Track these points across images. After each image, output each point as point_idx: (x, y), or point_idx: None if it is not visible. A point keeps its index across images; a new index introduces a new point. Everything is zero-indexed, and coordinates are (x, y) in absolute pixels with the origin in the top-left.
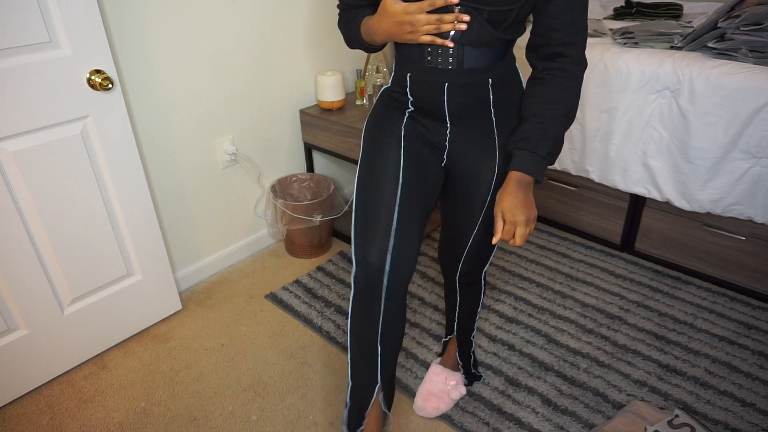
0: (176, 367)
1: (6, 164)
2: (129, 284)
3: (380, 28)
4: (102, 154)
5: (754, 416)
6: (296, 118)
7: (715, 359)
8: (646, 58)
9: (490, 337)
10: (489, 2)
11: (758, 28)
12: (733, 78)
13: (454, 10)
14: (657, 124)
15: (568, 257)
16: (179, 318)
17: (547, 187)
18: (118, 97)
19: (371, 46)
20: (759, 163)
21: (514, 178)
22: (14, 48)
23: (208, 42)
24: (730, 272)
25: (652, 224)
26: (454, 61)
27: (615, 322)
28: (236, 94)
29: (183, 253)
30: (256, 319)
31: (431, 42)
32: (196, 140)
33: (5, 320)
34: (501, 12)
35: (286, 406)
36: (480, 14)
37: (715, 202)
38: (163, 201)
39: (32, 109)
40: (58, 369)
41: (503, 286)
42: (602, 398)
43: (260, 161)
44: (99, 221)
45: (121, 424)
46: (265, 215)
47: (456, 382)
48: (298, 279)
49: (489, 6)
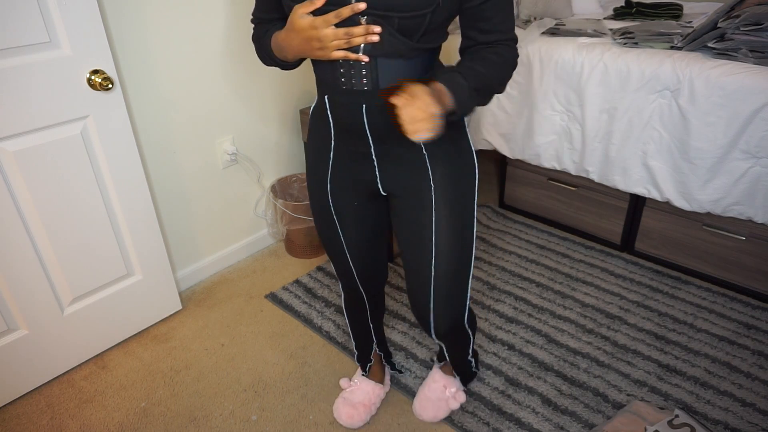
0: (176, 367)
1: (6, 164)
2: (129, 284)
3: (290, 44)
4: (102, 154)
5: (754, 416)
6: (296, 118)
7: (715, 359)
8: (646, 58)
9: (490, 337)
10: (396, 8)
11: (758, 28)
12: (733, 78)
13: (360, 21)
14: (657, 124)
15: (568, 257)
16: (179, 318)
17: (547, 187)
18: (118, 97)
19: (285, 64)
20: (759, 163)
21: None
22: (14, 48)
23: (208, 42)
24: (730, 272)
25: (652, 224)
26: (368, 81)
27: (615, 322)
28: (236, 94)
29: (183, 253)
30: (256, 319)
31: (344, 58)
32: (196, 140)
33: (5, 320)
34: (412, 19)
35: (286, 406)
36: (389, 23)
37: (715, 202)
38: (163, 201)
39: (32, 109)
40: (58, 369)
41: (503, 286)
42: (602, 398)
43: (260, 161)
44: (99, 221)
45: (121, 424)
46: (265, 215)
47: (456, 389)
48: (298, 279)
49: (397, 12)
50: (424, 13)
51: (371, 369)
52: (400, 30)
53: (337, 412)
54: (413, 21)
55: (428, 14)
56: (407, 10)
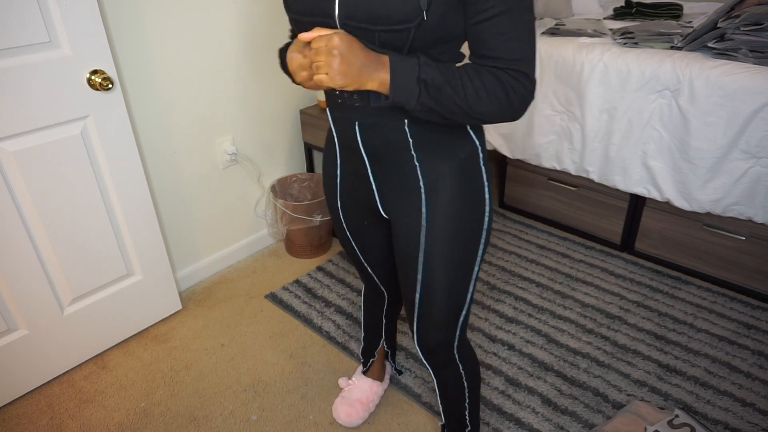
0: (176, 367)
1: (6, 164)
2: (129, 284)
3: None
4: (102, 154)
5: (754, 416)
6: (296, 118)
7: (715, 359)
8: (646, 58)
9: (490, 337)
10: (375, 21)
11: (758, 28)
12: (733, 78)
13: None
14: (657, 124)
15: (568, 257)
16: (179, 318)
17: (547, 187)
18: (118, 97)
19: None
20: (759, 163)
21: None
22: (14, 48)
23: (208, 42)
24: (730, 272)
25: (652, 224)
26: (359, 96)
27: (615, 322)
28: (236, 93)
29: (183, 253)
30: (256, 319)
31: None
32: (196, 140)
33: (5, 320)
34: (395, 33)
35: (286, 406)
36: (369, 37)
37: (715, 202)
38: (163, 201)
39: (32, 109)
40: (58, 369)
41: (503, 286)
42: (602, 398)
43: (260, 161)
44: (99, 221)
45: (121, 424)
46: (265, 215)
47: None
48: (298, 279)
49: (377, 26)
50: (407, 28)
51: (372, 365)
52: (383, 46)
53: (335, 411)
54: (396, 36)
55: (412, 29)
56: (387, 23)
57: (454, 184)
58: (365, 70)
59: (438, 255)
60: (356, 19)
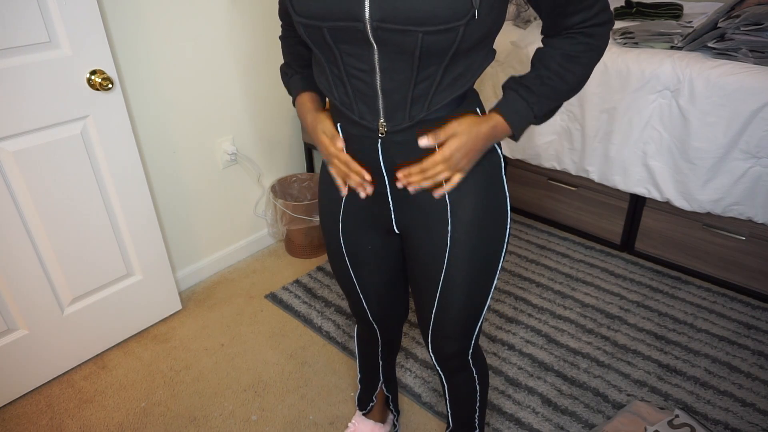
0: (176, 367)
1: (6, 164)
2: (129, 284)
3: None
4: (102, 154)
5: (754, 416)
6: (296, 118)
7: (715, 359)
8: (646, 58)
9: (490, 337)
10: (419, 21)
11: (758, 28)
12: (733, 78)
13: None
14: (657, 124)
15: (568, 257)
16: (179, 318)
17: (547, 187)
18: (118, 97)
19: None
20: (759, 163)
21: (494, 120)
22: (14, 48)
23: (208, 41)
24: (730, 272)
25: (652, 224)
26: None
27: (615, 322)
28: (236, 93)
29: (183, 253)
30: (256, 319)
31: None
32: (196, 140)
33: (5, 320)
34: (441, 34)
35: (286, 406)
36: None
37: (715, 202)
38: (163, 201)
39: (32, 109)
40: (58, 369)
41: (503, 286)
42: (602, 398)
43: (260, 161)
44: (99, 221)
45: (121, 424)
46: (265, 215)
47: None
48: (298, 279)
49: (421, 26)
50: (456, 27)
51: (373, 408)
52: (427, 49)
53: None
54: (441, 37)
55: (461, 27)
56: (433, 23)
57: (479, 201)
58: (487, 144)
59: (461, 271)
60: (394, 21)
